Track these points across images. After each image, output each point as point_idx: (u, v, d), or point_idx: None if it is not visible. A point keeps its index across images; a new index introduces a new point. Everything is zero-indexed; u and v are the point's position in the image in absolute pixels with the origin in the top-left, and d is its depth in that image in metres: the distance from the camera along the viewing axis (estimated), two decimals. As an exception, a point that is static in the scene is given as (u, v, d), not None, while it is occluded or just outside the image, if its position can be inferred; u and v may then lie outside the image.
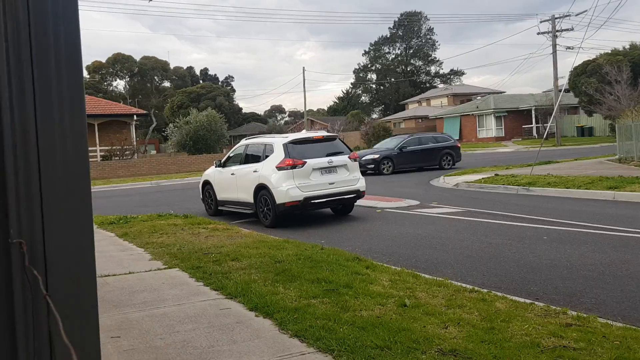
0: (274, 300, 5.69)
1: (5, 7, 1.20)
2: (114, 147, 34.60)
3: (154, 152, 58.51)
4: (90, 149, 26.46)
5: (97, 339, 1.20)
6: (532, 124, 52.44)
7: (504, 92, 65.12)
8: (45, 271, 1.13)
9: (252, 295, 5.92)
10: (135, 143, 38.34)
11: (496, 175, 19.18)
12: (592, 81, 40.14)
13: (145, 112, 48.22)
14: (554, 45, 41.60)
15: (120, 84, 79.69)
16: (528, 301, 5.64)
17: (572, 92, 44.92)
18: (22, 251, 1.04)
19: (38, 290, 0.99)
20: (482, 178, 18.71)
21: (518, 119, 53.16)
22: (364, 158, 24.19)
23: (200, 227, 11.11)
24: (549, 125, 28.71)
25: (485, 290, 6.04)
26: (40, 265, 1.14)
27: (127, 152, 35.22)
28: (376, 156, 24.98)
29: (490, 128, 53.77)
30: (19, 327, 1.10)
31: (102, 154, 35.13)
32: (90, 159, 33.96)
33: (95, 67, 75.66)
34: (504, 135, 52.76)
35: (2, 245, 1.11)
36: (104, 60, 76.26)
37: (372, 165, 24.65)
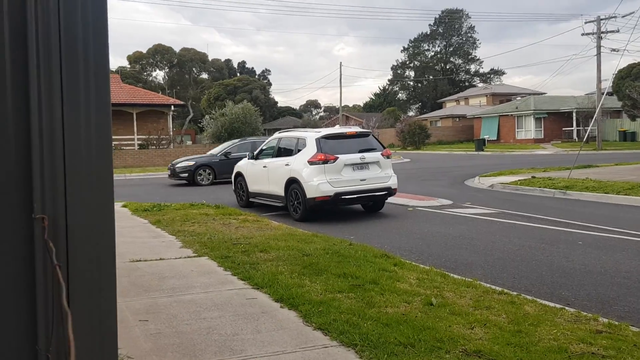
0: (300, 293, 5.72)
1: (37, 7, 1.24)
2: (151, 137, 35.21)
3: (189, 142, 59.32)
4: (127, 137, 26.96)
5: (115, 315, 1.23)
6: (572, 126, 51.17)
7: (545, 93, 63.75)
8: (66, 246, 1.17)
9: (279, 287, 5.96)
10: (171, 133, 38.96)
11: (533, 177, 18.80)
12: (637, 85, 39.00)
13: (182, 103, 48.87)
14: (599, 47, 40.49)
15: (159, 75, 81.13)
16: (558, 306, 5.52)
17: (616, 95, 43.73)
18: (44, 226, 1.08)
19: (53, 262, 1.03)
20: (518, 180, 18.37)
21: (558, 121, 51.93)
22: (177, 165, 21.28)
23: (231, 218, 11.23)
24: (589, 128, 27.90)
25: (515, 293, 5.94)
26: (62, 240, 1.17)
27: (164, 142, 35.81)
28: (191, 163, 21.13)
29: (529, 129, 52.66)
30: (39, 294, 1.15)
31: (139, 142, 35.81)
32: (128, 147, 34.77)
33: (136, 58, 77.11)
34: (543, 137, 51.62)
35: (26, 220, 1.15)
36: (144, 51, 77.69)
37: (186, 174, 20.96)
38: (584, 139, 24.56)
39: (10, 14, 1.18)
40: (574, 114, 50.26)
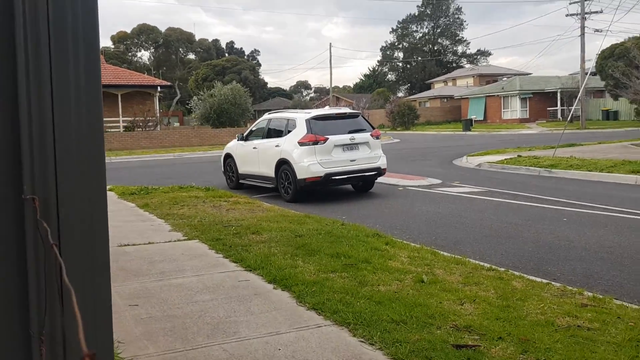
0: (293, 274, 5.73)
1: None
2: (137, 118, 34.73)
3: (177, 124, 58.82)
4: (113, 119, 26.59)
5: (109, 296, 1.23)
6: (557, 106, 51.42)
7: (530, 73, 63.84)
8: (57, 227, 1.16)
9: (271, 268, 5.97)
10: (158, 115, 38.48)
11: (519, 156, 18.96)
12: (619, 65, 39.07)
13: (169, 83, 48.40)
14: (582, 28, 40.54)
15: (144, 55, 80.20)
16: (545, 281, 5.61)
17: (599, 75, 43.85)
18: (35, 206, 1.07)
19: (48, 242, 1.02)
20: (505, 159, 18.51)
21: (543, 101, 52.19)
22: None
23: (221, 200, 11.19)
24: (573, 107, 28.04)
25: (503, 269, 6.02)
26: (54, 221, 1.16)
27: (150, 124, 35.37)
28: None
29: (515, 109, 52.90)
30: (31, 277, 1.14)
31: (124, 124, 35.36)
32: (113, 130, 34.36)
33: (120, 38, 76.06)
34: (528, 117, 51.89)
35: (16, 201, 1.14)
36: (129, 31, 76.68)
37: None
38: (568, 119, 24.65)
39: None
40: (559, 94, 50.53)
